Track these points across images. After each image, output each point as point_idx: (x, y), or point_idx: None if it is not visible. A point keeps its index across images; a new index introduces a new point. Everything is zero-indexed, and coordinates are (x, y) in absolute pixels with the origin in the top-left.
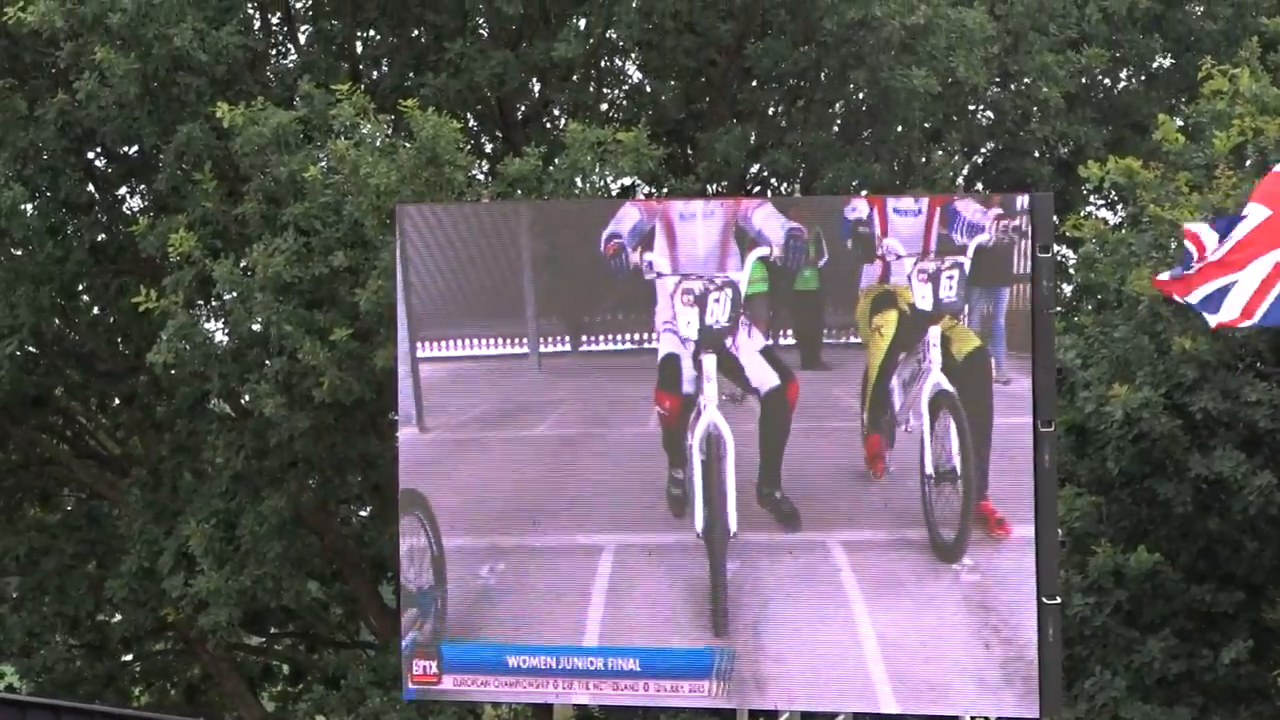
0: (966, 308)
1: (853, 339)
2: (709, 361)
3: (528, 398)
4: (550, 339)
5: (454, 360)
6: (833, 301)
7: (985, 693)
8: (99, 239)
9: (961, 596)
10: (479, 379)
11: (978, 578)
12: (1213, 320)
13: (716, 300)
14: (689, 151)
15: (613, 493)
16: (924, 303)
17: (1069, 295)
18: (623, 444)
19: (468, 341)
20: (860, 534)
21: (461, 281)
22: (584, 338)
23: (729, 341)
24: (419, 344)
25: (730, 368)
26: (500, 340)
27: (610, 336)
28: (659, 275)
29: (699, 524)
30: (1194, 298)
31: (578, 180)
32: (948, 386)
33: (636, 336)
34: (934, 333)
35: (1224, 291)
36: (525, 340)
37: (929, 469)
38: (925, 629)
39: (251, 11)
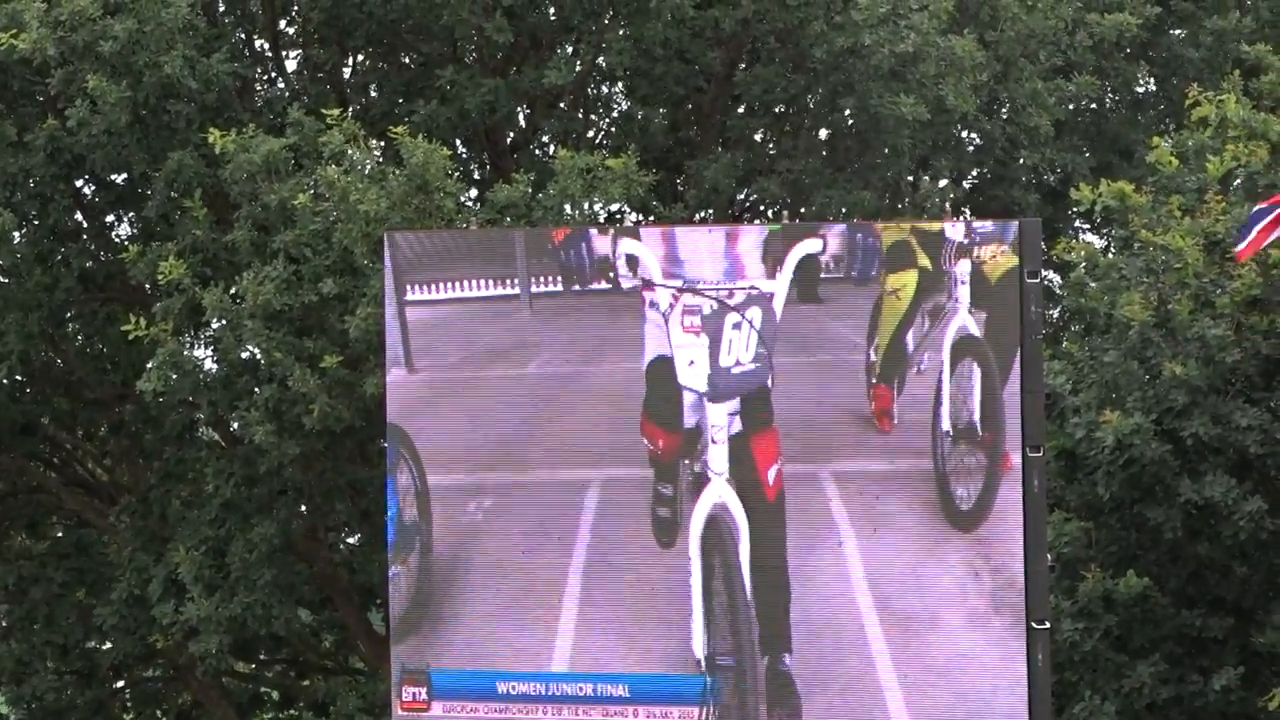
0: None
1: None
2: (718, 412)
3: (519, 338)
4: (541, 279)
5: (443, 304)
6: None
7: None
8: (88, 266)
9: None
10: (469, 321)
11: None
12: None
13: (737, 326)
14: (678, 179)
15: (599, 429)
16: (954, 233)
17: (1058, 319)
18: (613, 380)
19: (457, 285)
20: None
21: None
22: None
23: (759, 390)
24: (406, 287)
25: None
26: (490, 282)
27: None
28: (645, 284)
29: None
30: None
31: (567, 207)
32: (974, 331)
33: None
34: (963, 267)
35: None
36: (516, 281)
37: (945, 424)
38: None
39: (241, 38)
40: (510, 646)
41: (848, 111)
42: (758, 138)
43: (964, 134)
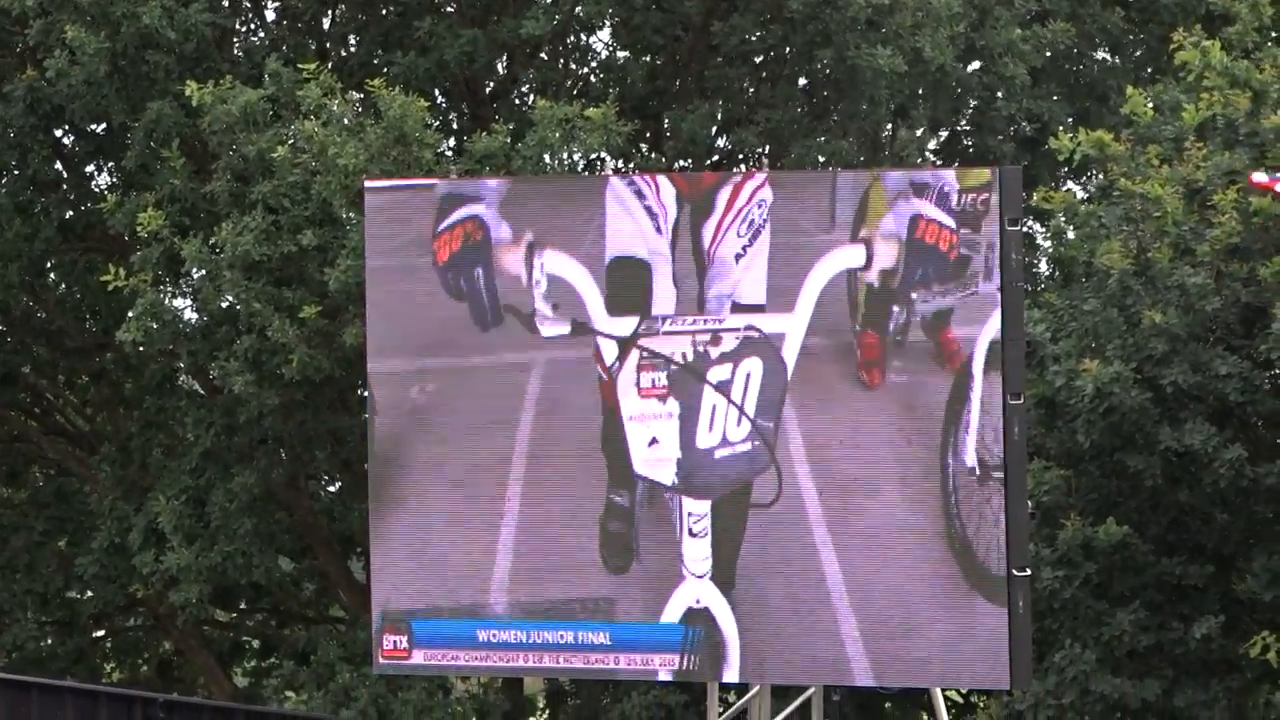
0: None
1: None
2: (697, 503)
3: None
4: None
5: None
6: None
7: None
8: (67, 216)
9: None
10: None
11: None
12: None
13: (724, 386)
14: (658, 128)
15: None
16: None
17: (1044, 272)
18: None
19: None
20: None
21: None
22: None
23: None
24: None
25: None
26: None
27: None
28: (575, 328)
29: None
30: None
31: (546, 157)
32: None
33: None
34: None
35: None
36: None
37: (969, 460)
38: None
39: None
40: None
41: (825, 62)
42: (736, 88)
43: (942, 83)
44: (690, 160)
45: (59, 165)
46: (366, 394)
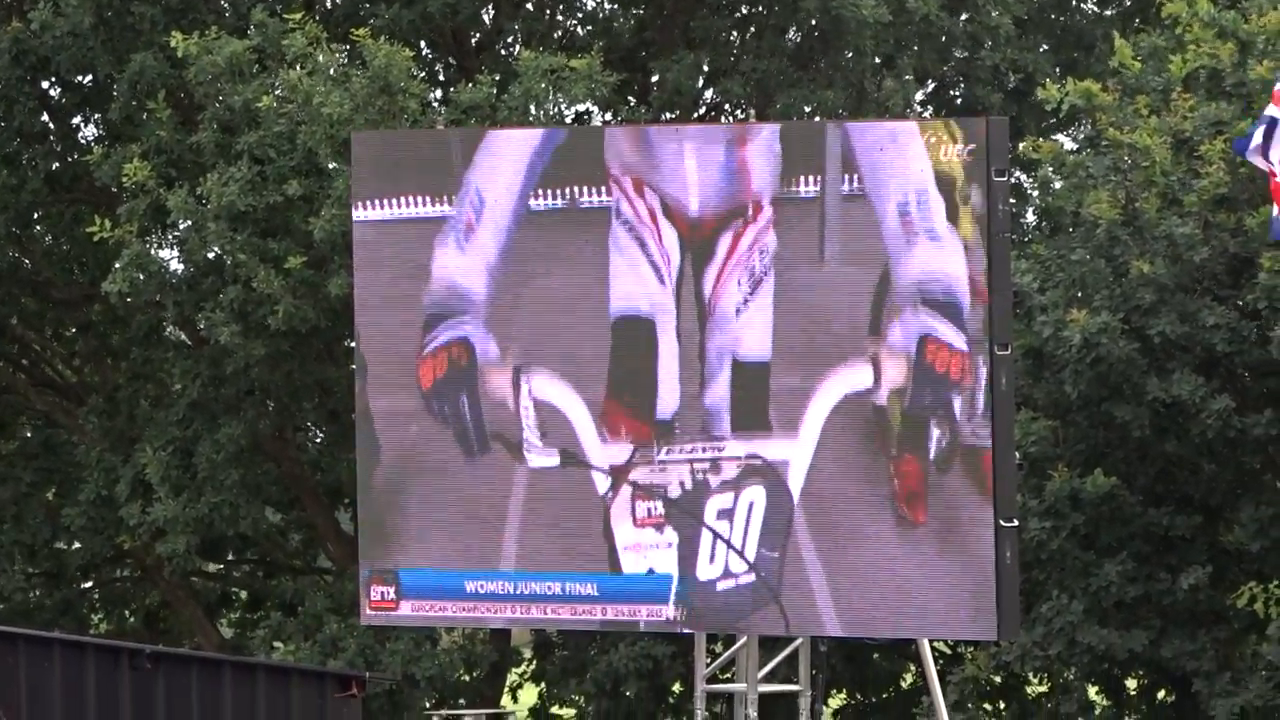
0: None
1: None
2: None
3: None
4: None
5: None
6: None
7: None
8: (54, 168)
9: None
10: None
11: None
12: None
13: (726, 515)
14: (644, 79)
15: None
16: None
17: (1032, 222)
18: None
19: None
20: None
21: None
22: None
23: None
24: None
25: None
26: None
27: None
28: (558, 459)
29: None
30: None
31: (531, 108)
32: None
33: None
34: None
35: None
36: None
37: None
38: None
39: None
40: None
41: (810, 12)
42: (722, 38)
43: (928, 33)
44: (677, 111)
45: (45, 117)
46: (354, 347)
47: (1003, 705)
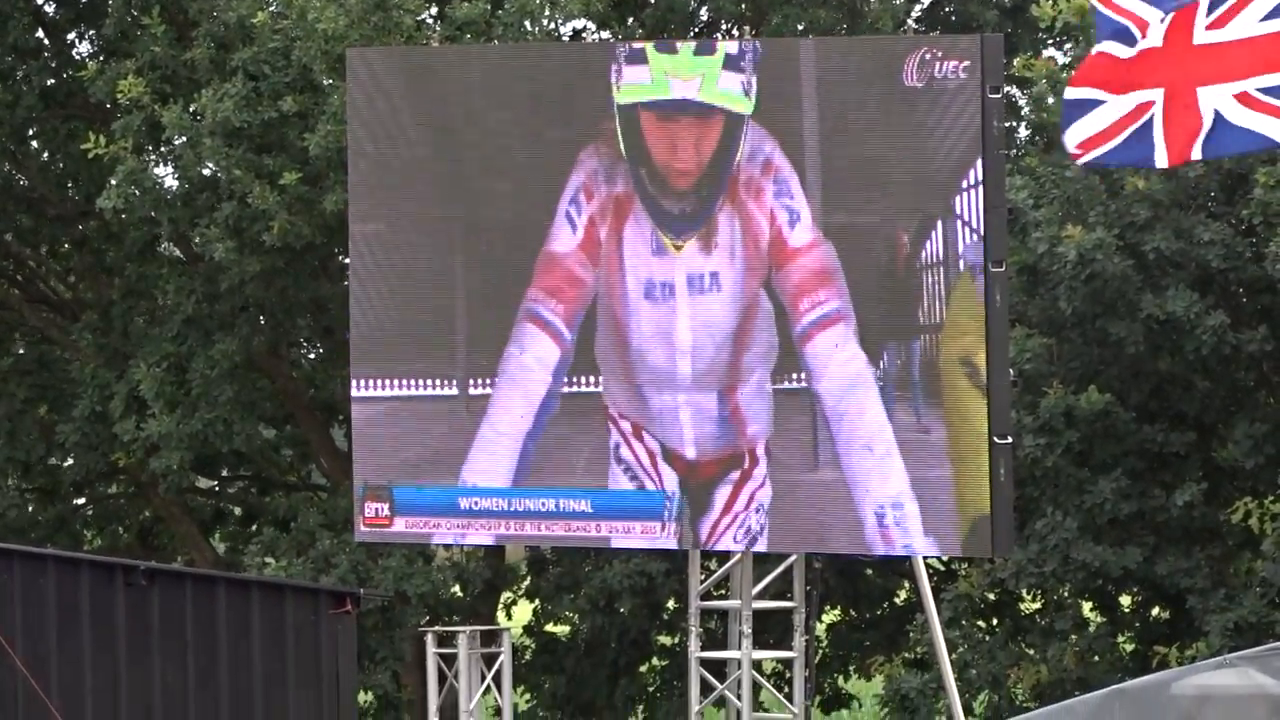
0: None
1: None
2: None
3: None
4: None
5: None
6: None
7: None
8: (49, 84)
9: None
10: None
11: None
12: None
13: None
14: None
15: None
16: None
17: (1024, 138)
18: None
19: None
20: None
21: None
22: None
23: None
24: None
25: None
26: None
27: None
28: None
29: None
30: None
31: (526, 23)
32: None
33: None
34: None
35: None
36: None
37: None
38: None
39: None
40: None
41: None
42: None
43: None
44: (671, 28)
45: (40, 33)
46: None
47: (996, 622)
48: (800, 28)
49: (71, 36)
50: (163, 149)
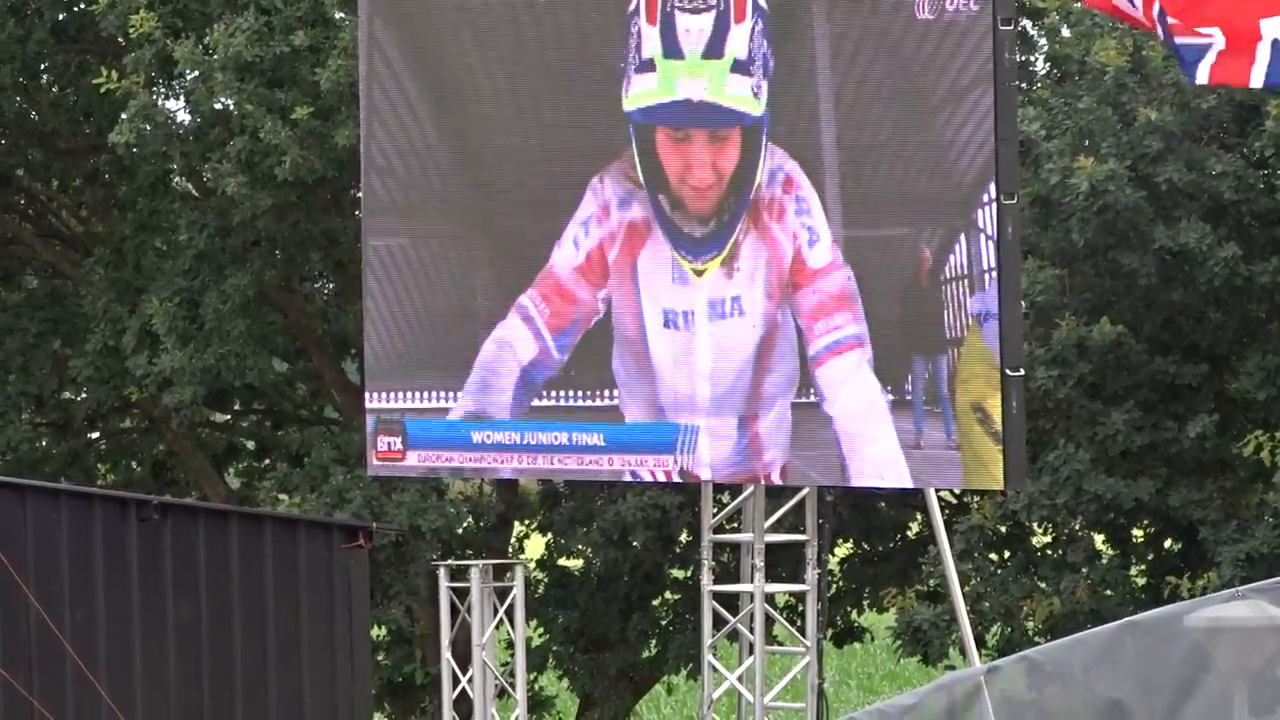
0: None
1: None
2: None
3: None
4: None
5: None
6: None
7: None
8: (60, 18)
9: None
10: None
11: None
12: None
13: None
14: None
15: None
16: None
17: (1040, 70)
18: None
19: None
20: None
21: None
22: None
23: None
24: None
25: None
26: None
27: None
28: None
29: None
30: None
31: None
32: None
33: None
34: None
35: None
36: None
37: None
38: None
39: None
40: None
41: None
42: None
43: None
44: None
45: None
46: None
47: (1009, 555)
48: None
49: None
50: (175, 84)
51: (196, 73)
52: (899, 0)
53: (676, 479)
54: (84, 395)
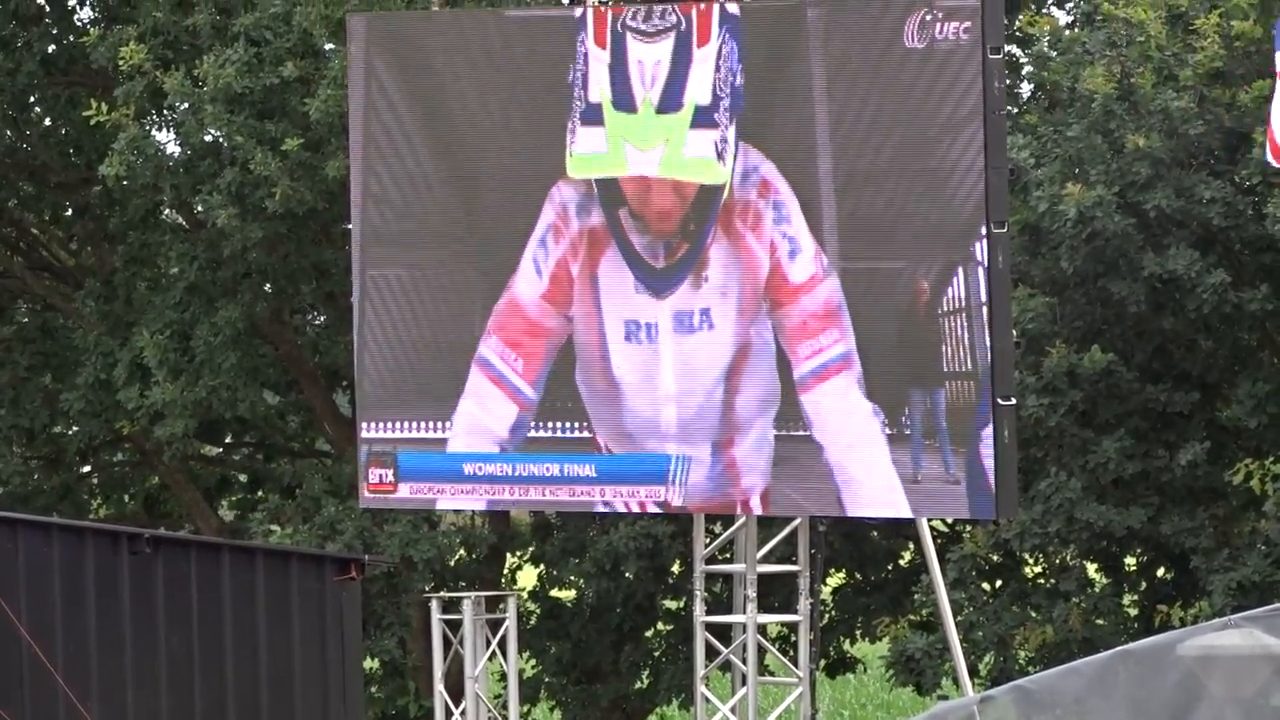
0: None
1: None
2: None
3: None
4: None
5: None
6: None
7: None
8: (50, 50)
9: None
10: None
11: None
12: None
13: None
14: None
15: None
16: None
17: (1026, 96)
18: None
19: None
20: None
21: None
22: None
23: None
24: None
25: None
26: None
27: None
28: None
29: None
30: None
31: None
32: None
33: None
34: None
35: None
36: None
37: None
38: None
39: None
40: None
41: None
42: None
43: None
44: None
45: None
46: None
47: (1001, 583)
48: None
49: (73, 2)
50: (165, 115)
51: (186, 104)
52: (890, 29)
53: (653, 509)
54: (75, 429)
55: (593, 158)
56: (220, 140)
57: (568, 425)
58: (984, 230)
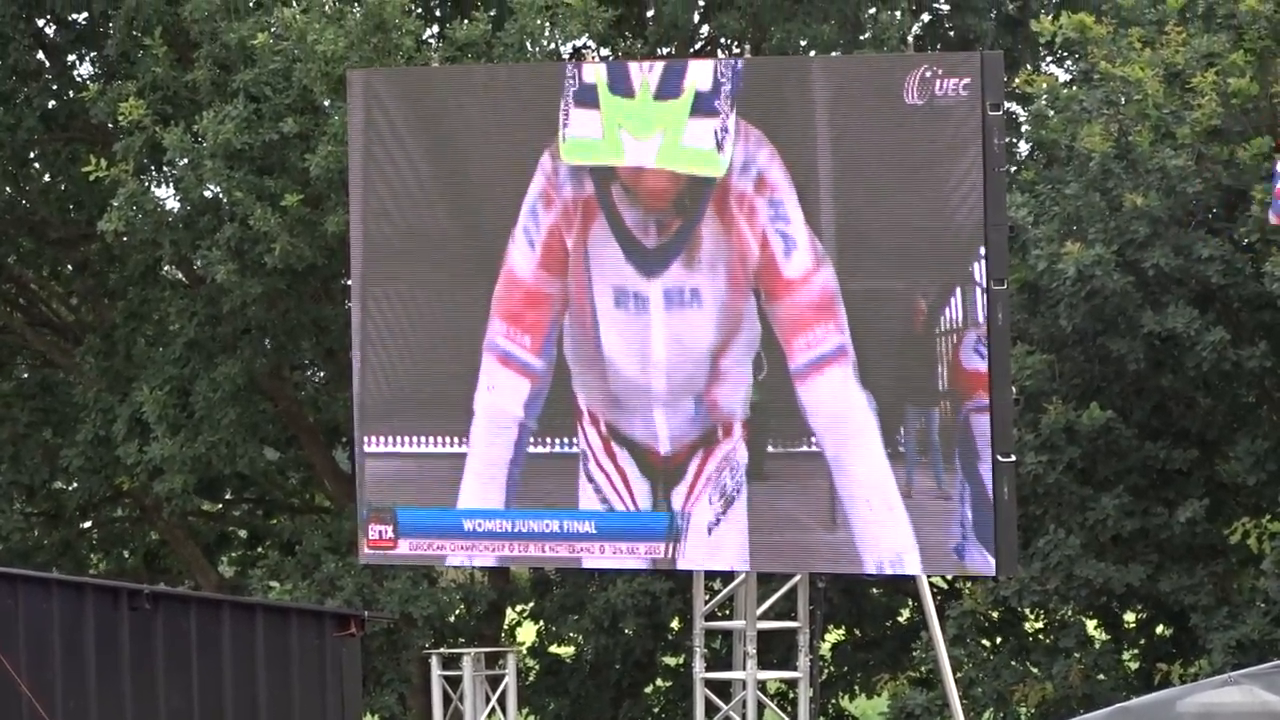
0: None
1: None
2: None
3: None
4: None
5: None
6: None
7: None
8: (50, 106)
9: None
10: None
11: None
12: None
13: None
14: (640, 13)
15: None
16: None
17: (1023, 154)
18: None
19: None
20: None
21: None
22: None
23: None
24: None
25: None
26: None
27: None
28: None
29: None
30: None
31: (528, 44)
32: None
33: None
34: None
35: None
36: None
37: None
38: None
39: None
40: None
41: None
42: None
43: None
44: (673, 45)
45: (40, 54)
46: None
47: (1001, 640)
48: (803, 44)
49: (72, 58)
50: (164, 171)
51: (186, 160)
52: (889, 84)
53: (666, 567)
54: (75, 485)
55: (587, 143)
56: (220, 196)
57: (564, 441)
58: (983, 284)
